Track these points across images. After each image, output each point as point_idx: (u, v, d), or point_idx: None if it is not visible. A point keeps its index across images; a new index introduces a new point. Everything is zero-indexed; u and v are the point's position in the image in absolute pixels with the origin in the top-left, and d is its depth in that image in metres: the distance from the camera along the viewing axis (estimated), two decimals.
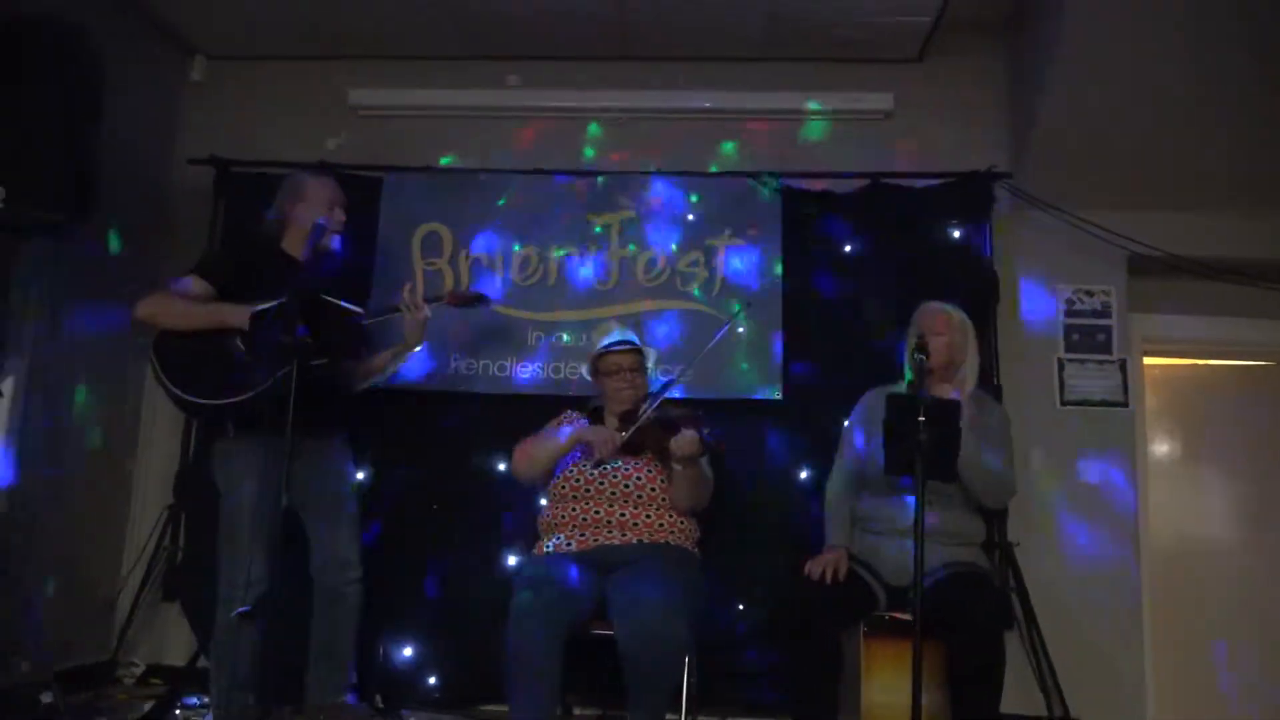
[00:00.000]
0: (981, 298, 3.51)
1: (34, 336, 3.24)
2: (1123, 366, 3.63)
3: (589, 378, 3.11)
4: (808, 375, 3.47)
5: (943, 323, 2.86)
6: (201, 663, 3.30)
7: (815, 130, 3.83)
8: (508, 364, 3.56)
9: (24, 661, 3.22)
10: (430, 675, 3.36)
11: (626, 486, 2.81)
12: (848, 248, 3.58)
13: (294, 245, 2.96)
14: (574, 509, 2.82)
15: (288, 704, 3.03)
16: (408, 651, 3.38)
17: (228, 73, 4.12)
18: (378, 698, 3.26)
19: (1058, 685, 3.32)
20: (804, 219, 3.59)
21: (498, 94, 3.90)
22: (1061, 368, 3.64)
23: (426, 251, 3.66)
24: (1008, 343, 3.62)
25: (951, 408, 2.40)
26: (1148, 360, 3.90)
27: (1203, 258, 3.66)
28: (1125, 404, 3.61)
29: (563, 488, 2.87)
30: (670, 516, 2.82)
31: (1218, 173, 3.55)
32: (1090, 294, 3.68)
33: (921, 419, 2.30)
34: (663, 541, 2.77)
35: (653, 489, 2.81)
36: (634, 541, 2.75)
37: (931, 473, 2.40)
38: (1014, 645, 3.34)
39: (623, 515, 2.78)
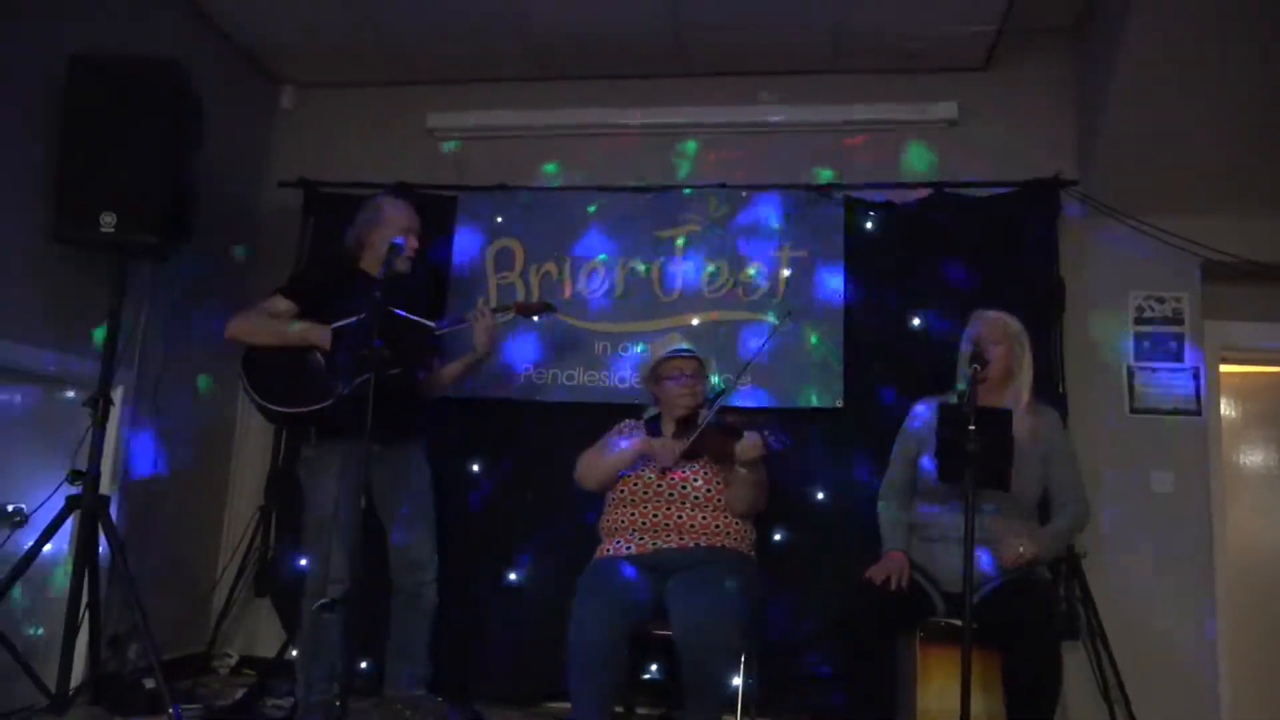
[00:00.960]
0: (1047, 306, 3.50)
1: (140, 350, 3.51)
2: (1195, 374, 3.56)
3: (646, 386, 3.21)
4: (869, 384, 3.50)
5: (1000, 332, 2.87)
6: (289, 654, 3.50)
7: (879, 140, 3.85)
8: (576, 374, 3.69)
9: (132, 649, 3.49)
10: (501, 672, 3.50)
11: (684, 489, 2.91)
12: (911, 257, 3.60)
13: (372, 265, 3.13)
14: (633, 513, 2.92)
15: (368, 695, 3.23)
16: (481, 649, 3.53)
17: (315, 100, 4.37)
18: (453, 692, 3.40)
19: (1125, 698, 3.29)
20: (867, 229, 3.64)
21: (565, 113, 4.03)
22: (1131, 376, 3.59)
23: (499, 266, 3.83)
24: (1075, 351, 3.59)
25: (1003, 417, 2.43)
26: (1226, 368, 3.82)
27: None
28: (1198, 412, 3.54)
29: (622, 492, 2.97)
30: (726, 519, 2.90)
31: None
32: (1161, 301, 3.63)
33: (972, 428, 2.33)
34: (719, 545, 2.85)
35: (709, 491, 2.90)
36: (691, 545, 2.84)
37: (984, 481, 2.44)
38: (1080, 656, 3.33)
39: (680, 518, 2.88)
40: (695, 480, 2.92)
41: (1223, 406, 3.88)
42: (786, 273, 3.64)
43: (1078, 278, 3.64)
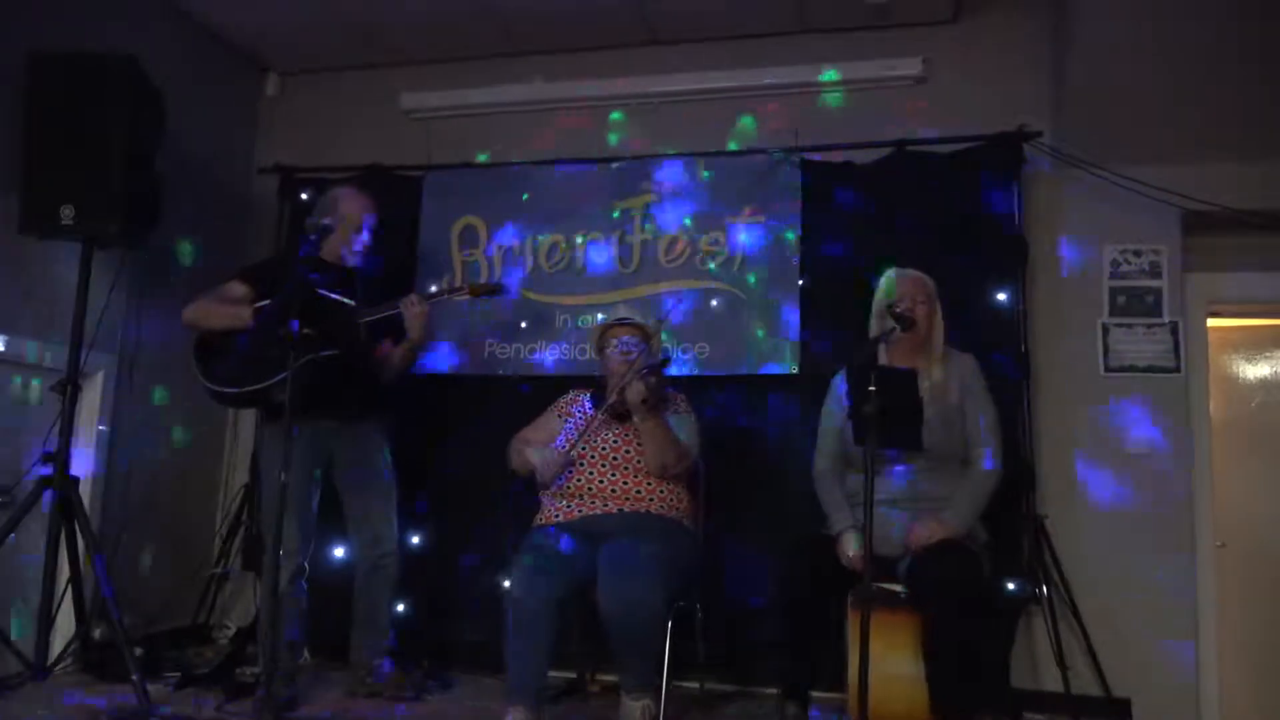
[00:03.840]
0: (1008, 263, 3.40)
1: (120, 335, 3.66)
2: (1175, 329, 3.41)
3: (595, 356, 3.23)
4: (826, 349, 3.45)
5: (924, 291, 2.83)
6: None
7: (839, 101, 3.77)
8: (537, 347, 3.73)
9: (124, 621, 3.68)
10: (476, 639, 3.54)
11: (604, 451, 2.95)
12: (869, 218, 3.53)
13: (330, 252, 3.21)
14: (563, 477, 2.96)
15: (335, 663, 3.36)
16: (451, 619, 3.62)
17: (298, 86, 4.48)
18: (425, 661, 3.49)
19: (1098, 665, 3.20)
20: (824, 192, 3.57)
21: (530, 88, 4.05)
22: (1106, 333, 3.46)
23: (463, 244, 3.88)
24: (1046, 308, 3.49)
25: (906, 376, 2.39)
26: (1216, 322, 3.65)
27: (1270, 210, 3.38)
28: (1176, 369, 3.39)
29: None
30: (650, 484, 2.91)
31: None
32: (1138, 254, 3.48)
33: (873, 389, 2.29)
34: (644, 510, 2.87)
35: (627, 453, 2.93)
36: (615, 511, 2.87)
37: (893, 441, 2.41)
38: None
39: (602, 484, 2.90)
40: (614, 440, 2.94)
41: (1219, 362, 3.73)
42: (743, 239, 3.61)
43: (1048, 233, 3.52)
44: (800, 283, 3.52)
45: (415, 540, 3.71)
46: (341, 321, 2.92)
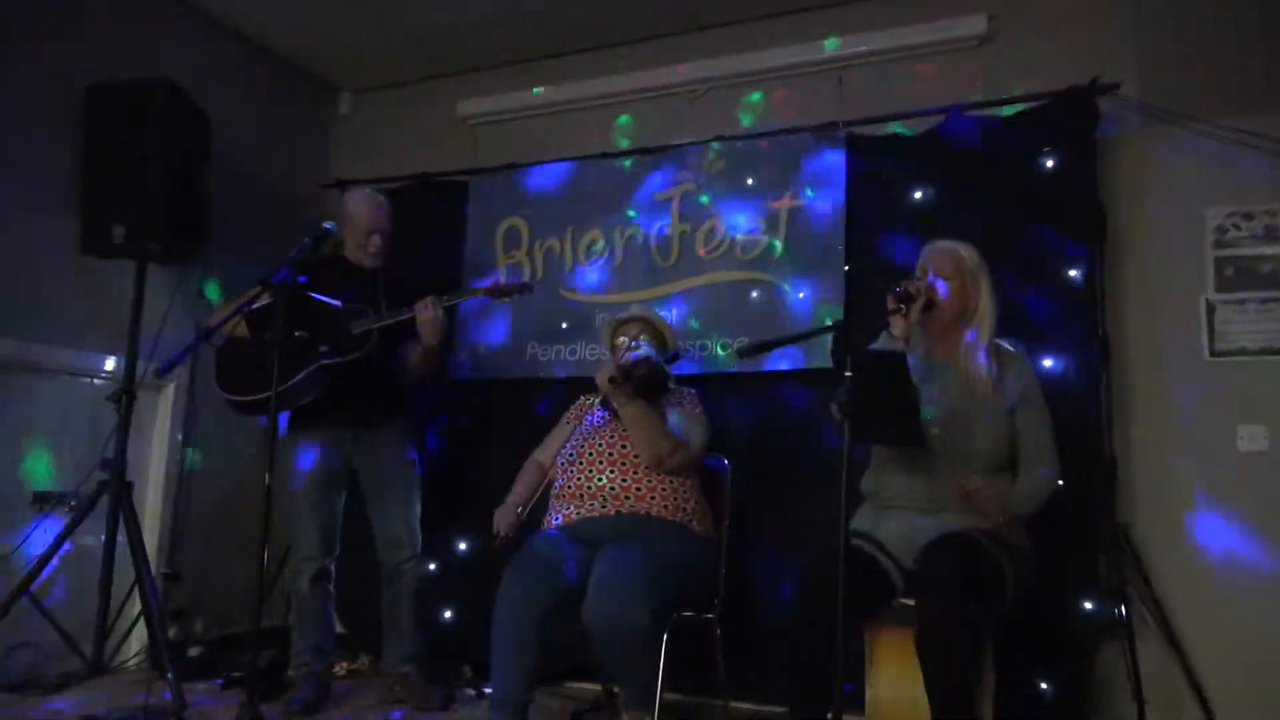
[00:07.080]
0: (1083, 235, 2.97)
1: (191, 346, 3.82)
2: None
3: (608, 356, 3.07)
4: (873, 338, 3.12)
5: (952, 264, 2.47)
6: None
7: (894, 71, 3.45)
8: (578, 348, 3.61)
9: (197, 623, 3.84)
10: None
11: (600, 446, 2.78)
12: (922, 194, 3.19)
13: (351, 254, 3.24)
14: (564, 478, 2.82)
15: (371, 669, 3.37)
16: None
17: (368, 103, 4.59)
18: (466, 669, 3.42)
19: (1204, 700, 2.73)
20: (871, 167, 3.27)
21: (579, 85, 3.95)
22: (1211, 311, 2.97)
23: (507, 245, 3.81)
24: (1132, 286, 3.05)
25: (893, 360, 2.08)
26: None
27: None
28: None
29: (557, 458, 2.90)
30: (651, 481, 2.70)
31: None
32: (1249, 217, 2.96)
33: (848, 374, 2.01)
34: (644, 513, 2.66)
35: (624, 446, 2.75)
36: (613, 513, 2.68)
37: (886, 436, 2.11)
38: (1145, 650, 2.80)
39: (600, 480, 2.72)
40: (610, 437, 2.77)
41: None
42: (784, 224, 3.35)
43: (1133, 199, 3.07)
44: (845, 269, 3.22)
45: (461, 546, 3.67)
46: (333, 323, 2.89)
